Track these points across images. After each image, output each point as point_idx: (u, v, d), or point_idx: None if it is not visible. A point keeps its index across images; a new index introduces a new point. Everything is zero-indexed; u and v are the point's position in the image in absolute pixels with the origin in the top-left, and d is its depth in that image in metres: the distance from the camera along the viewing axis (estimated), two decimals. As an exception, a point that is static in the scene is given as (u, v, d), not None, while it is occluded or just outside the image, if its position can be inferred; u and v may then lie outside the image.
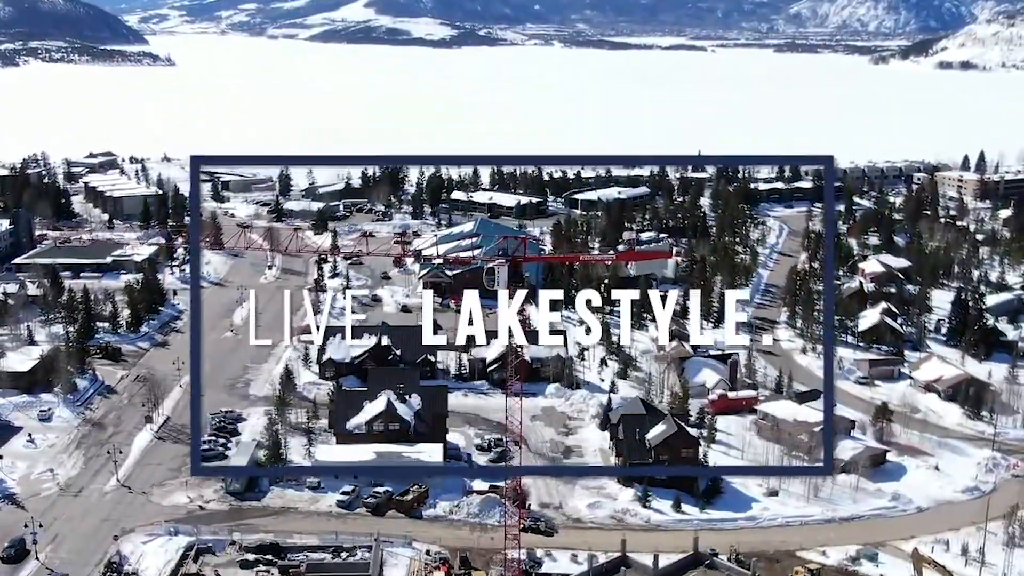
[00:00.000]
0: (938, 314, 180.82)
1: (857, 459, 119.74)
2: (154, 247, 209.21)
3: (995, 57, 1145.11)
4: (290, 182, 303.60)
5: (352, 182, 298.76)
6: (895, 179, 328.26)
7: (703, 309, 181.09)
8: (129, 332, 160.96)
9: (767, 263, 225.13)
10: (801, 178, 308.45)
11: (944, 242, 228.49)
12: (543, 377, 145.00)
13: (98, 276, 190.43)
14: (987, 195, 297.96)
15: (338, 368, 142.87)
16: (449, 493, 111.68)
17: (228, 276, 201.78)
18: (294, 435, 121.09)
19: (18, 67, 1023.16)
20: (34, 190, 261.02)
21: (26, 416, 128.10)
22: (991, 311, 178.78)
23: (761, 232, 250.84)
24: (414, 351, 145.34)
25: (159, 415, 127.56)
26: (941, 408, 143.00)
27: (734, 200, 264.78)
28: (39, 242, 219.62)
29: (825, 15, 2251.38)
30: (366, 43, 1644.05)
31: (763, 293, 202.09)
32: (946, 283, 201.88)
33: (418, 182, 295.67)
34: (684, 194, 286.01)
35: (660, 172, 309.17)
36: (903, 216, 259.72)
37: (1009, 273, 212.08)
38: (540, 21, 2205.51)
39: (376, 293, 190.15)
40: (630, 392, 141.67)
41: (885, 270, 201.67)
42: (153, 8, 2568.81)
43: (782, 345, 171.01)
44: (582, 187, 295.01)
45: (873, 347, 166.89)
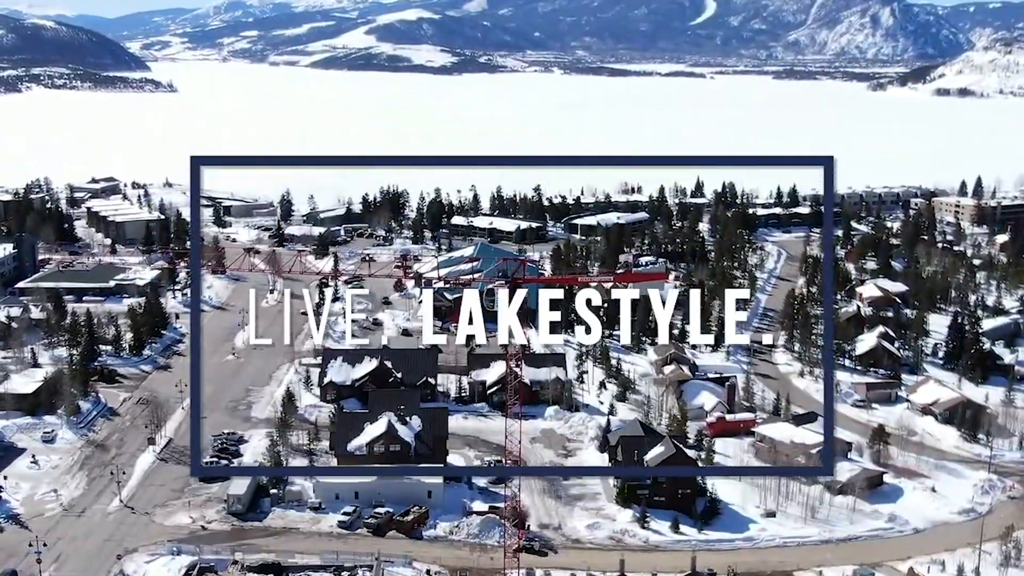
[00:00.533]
0: (935, 338, 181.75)
1: (854, 480, 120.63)
2: (156, 271, 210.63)
3: (992, 84, 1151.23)
4: (291, 207, 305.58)
5: (353, 207, 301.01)
6: (893, 204, 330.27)
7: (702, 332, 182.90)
8: (132, 355, 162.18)
9: (765, 288, 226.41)
10: (799, 203, 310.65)
11: (941, 267, 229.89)
12: (542, 400, 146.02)
13: (101, 300, 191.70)
14: (984, 220, 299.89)
15: (339, 391, 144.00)
16: (449, 514, 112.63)
17: (230, 300, 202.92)
18: (295, 456, 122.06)
19: (20, 93, 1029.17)
20: (37, 215, 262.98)
21: (30, 438, 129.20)
22: (988, 335, 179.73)
23: (759, 257, 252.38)
24: (415, 374, 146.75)
25: (162, 437, 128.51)
26: (938, 431, 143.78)
27: (732, 225, 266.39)
28: (42, 266, 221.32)
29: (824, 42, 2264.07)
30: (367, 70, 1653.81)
31: (761, 317, 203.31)
32: (943, 307, 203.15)
33: (418, 207, 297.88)
34: (683, 219, 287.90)
35: (659, 197, 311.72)
36: (900, 241, 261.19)
37: (1006, 298, 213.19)
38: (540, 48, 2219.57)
39: (377, 317, 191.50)
40: (629, 415, 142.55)
41: (882, 294, 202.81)
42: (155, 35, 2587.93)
43: (780, 368, 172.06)
44: (581, 212, 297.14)
45: (870, 371, 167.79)
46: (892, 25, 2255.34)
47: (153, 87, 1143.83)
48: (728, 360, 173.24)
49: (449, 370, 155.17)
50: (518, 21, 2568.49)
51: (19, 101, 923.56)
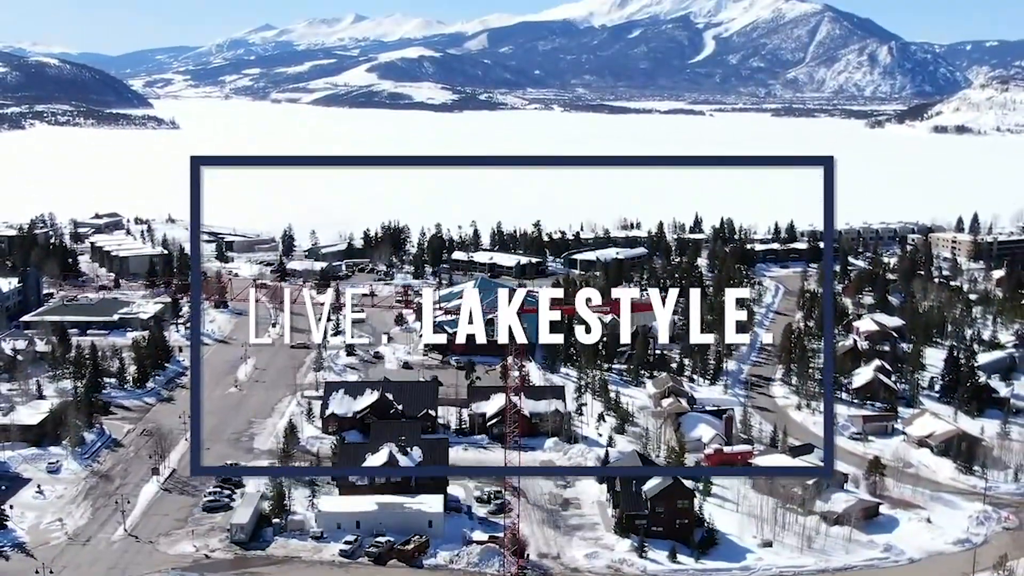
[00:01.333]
0: (931, 372, 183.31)
1: (850, 511, 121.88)
2: (160, 305, 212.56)
3: (990, 121, 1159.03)
4: (293, 242, 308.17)
5: (354, 242, 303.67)
6: (890, 240, 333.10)
7: (700, 367, 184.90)
8: (135, 388, 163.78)
9: (763, 322, 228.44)
10: (797, 239, 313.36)
11: (938, 301, 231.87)
12: (542, 432, 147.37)
13: (105, 333, 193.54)
14: (980, 256, 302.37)
15: (341, 422, 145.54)
16: (449, 543, 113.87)
17: (232, 334, 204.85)
18: (297, 487, 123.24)
19: (24, 130, 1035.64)
20: (41, 250, 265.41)
21: (35, 468, 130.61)
22: (984, 369, 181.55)
23: (757, 291, 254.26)
24: (416, 406, 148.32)
25: (165, 467, 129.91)
26: (934, 463, 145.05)
27: (731, 260, 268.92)
28: (47, 300, 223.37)
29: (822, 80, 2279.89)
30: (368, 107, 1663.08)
31: (759, 351, 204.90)
32: (939, 342, 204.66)
33: (419, 242, 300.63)
34: (681, 254, 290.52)
35: (658, 233, 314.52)
36: (897, 276, 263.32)
37: (1001, 332, 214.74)
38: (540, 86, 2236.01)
39: (378, 350, 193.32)
40: (627, 447, 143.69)
41: (879, 328, 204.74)
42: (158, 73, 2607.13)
43: (777, 402, 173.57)
44: (581, 247, 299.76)
45: (867, 404, 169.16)
46: (890, 63, 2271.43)
47: (156, 124, 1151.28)
48: (726, 393, 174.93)
49: (449, 402, 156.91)
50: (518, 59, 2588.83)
51: (22, 138, 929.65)
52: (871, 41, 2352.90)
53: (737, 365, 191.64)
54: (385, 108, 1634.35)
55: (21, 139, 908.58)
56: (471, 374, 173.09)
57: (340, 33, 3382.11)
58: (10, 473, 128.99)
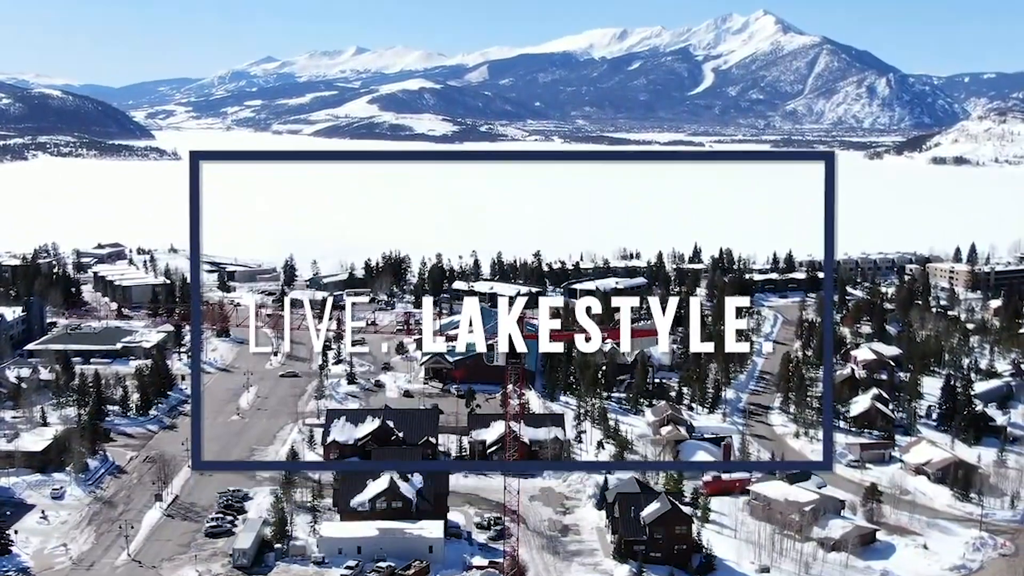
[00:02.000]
0: (929, 400, 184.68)
1: (847, 537, 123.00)
2: (162, 334, 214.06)
3: (988, 152, 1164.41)
4: (294, 272, 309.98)
5: (355, 272, 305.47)
6: (888, 270, 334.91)
7: (698, 395, 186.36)
8: (138, 415, 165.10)
9: (761, 351, 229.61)
10: (795, 269, 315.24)
11: (935, 331, 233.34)
12: (541, 459, 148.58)
13: (108, 362, 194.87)
14: (978, 286, 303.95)
15: (342, 449, 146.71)
16: (450, 568, 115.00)
17: (234, 362, 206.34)
18: (299, 513, 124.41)
19: (27, 161, 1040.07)
20: (45, 279, 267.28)
21: (39, 494, 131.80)
22: (981, 397, 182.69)
23: (756, 321, 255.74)
24: (416, 434, 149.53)
25: (168, 494, 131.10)
26: (930, 490, 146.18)
27: (729, 290, 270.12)
28: (50, 329, 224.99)
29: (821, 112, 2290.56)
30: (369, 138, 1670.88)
31: (757, 380, 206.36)
32: (936, 370, 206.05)
33: (420, 272, 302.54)
34: (680, 284, 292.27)
35: (657, 263, 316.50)
36: (895, 306, 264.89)
37: (999, 361, 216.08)
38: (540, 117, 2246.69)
39: (379, 379, 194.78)
40: (627, 474, 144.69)
41: (876, 357, 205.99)
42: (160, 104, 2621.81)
43: (775, 430, 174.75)
44: (580, 278, 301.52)
45: (864, 432, 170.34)
46: (888, 95, 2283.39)
47: (158, 155, 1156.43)
48: (725, 421, 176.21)
49: (450, 430, 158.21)
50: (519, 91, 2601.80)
51: (25, 168, 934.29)
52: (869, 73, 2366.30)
53: (736, 393, 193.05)
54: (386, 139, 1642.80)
55: (24, 170, 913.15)
56: (471, 402, 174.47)
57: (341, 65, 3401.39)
58: (14, 499, 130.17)
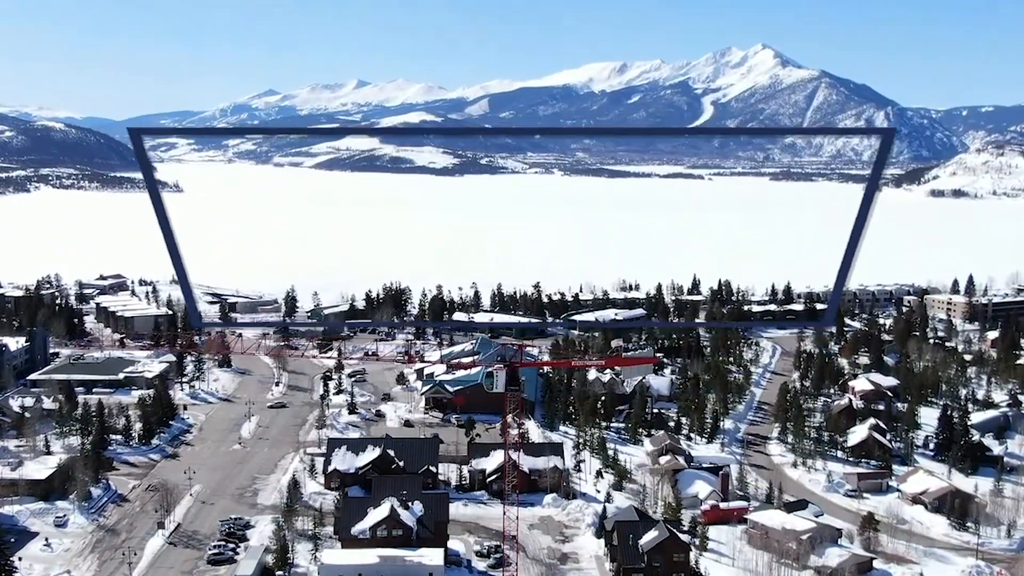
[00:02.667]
0: (926, 430, 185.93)
1: (844, 566, 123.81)
2: (164, 364, 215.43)
3: (986, 185, 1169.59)
4: (296, 304, 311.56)
5: (356, 303, 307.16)
6: (886, 302, 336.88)
7: (697, 425, 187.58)
8: (141, 444, 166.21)
9: (760, 382, 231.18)
10: (793, 300, 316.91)
11: (932, 362, 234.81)
12: (540, 488, 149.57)
13: (110, 392, 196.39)
14: (975, 317, 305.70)
15: (343, 478, 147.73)
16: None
17: (236, 392, 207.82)
18: (300, 541, 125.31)
19: (29, 193, 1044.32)
20: (48, 310, 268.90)
21: (42, 522, 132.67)
22: (978, 428, 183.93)
23: (755, 352, 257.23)
24: (416, 463, 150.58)
25: (171, 522, 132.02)
26: (927, 519, 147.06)
27: (728, 321, 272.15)
28: (53, 359, 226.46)
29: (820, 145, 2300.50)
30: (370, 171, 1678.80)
31: (756, 410, 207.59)
32: (934, 401, 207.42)
33: (420, 303, 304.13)
34: (679, 315, 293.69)
35: (656, 294, 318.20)
36: (893, 337, 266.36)
37: (996, 392, 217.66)
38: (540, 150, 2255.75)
39: (380, 409, 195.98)
40: (625, 503, 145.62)
41: (874, 388, 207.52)
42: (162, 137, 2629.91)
43: (773, 459, 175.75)
44: (580, 309, 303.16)
45: (862, 461, 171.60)
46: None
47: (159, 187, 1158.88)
48: (723, 451, 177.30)
49: (450, 459, 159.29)
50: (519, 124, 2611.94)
51: (28, 200, 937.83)
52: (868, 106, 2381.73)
53: (734, 423, 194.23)
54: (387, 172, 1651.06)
55: (26, 202, 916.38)
56: (471, 431, 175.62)
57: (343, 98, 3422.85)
58: (18, 527, 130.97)
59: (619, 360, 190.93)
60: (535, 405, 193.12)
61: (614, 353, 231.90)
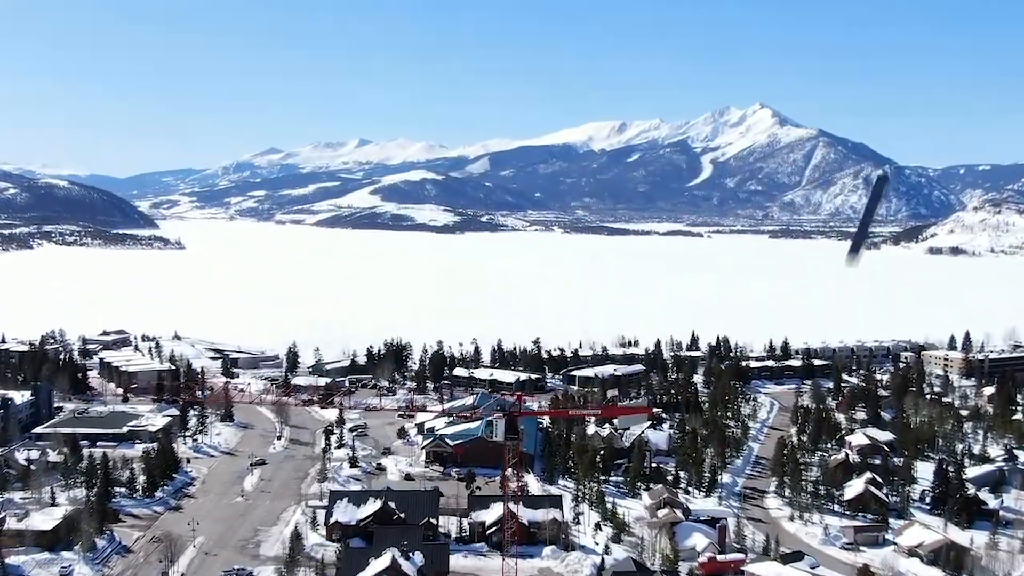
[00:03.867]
0: (922, 484, 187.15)
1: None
2: (168, 418, 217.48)
3: (983, 243, 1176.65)
4: (297, 359, 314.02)
5: (357, 359, 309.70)
6: (883, 358, 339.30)
7: (695, 479, 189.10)
8: (144, 497, 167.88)
9: (758, 436, 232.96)
10: (791, 356, 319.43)
11: (929, 417, 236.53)
12: (539, 540, 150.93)
13: (114, 445, 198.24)
14: (972, 373, 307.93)
15: (344, 530, 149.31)
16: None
17: (238, 446, 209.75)
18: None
19: (32, 249, 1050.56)
20: (52, 365, 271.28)
21: (47, 573, 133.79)
22: (974, 482, 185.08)
23: (752, 407, 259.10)
24: (417, 515, 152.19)
25: (174, 572, 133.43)
26: (923, 572, 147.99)
27: (726, 377, 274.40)
28: (57, 413, 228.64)
29: (818, 203, 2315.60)
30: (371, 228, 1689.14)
31: (754, 465, 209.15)
32: (930, 455, 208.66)
33: (421, 359, 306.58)
34: (678, 371, 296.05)
35: (655, 351, 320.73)
36: (890, 392, 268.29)
37: (992, 446, 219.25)
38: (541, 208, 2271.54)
39: (380, 462, 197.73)
40: (623, 555, 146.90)
41: (871, 442, 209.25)
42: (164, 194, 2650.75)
43: (771, 513, 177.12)
44: (579, 364, 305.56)
45: (858, 515, 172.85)
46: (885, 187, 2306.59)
47: (162, 244, 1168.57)
48: (721, 504, 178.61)
49: (450, 512, 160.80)
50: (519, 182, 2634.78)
51: (32, 257, 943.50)
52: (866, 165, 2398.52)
53: (732, 478, 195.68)
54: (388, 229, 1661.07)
55: (30, 258, 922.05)
56: (471, 484, 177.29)
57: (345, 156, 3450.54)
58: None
59: (615, 410, 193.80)
60: (535, 459, 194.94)
61: (610, 403, 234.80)
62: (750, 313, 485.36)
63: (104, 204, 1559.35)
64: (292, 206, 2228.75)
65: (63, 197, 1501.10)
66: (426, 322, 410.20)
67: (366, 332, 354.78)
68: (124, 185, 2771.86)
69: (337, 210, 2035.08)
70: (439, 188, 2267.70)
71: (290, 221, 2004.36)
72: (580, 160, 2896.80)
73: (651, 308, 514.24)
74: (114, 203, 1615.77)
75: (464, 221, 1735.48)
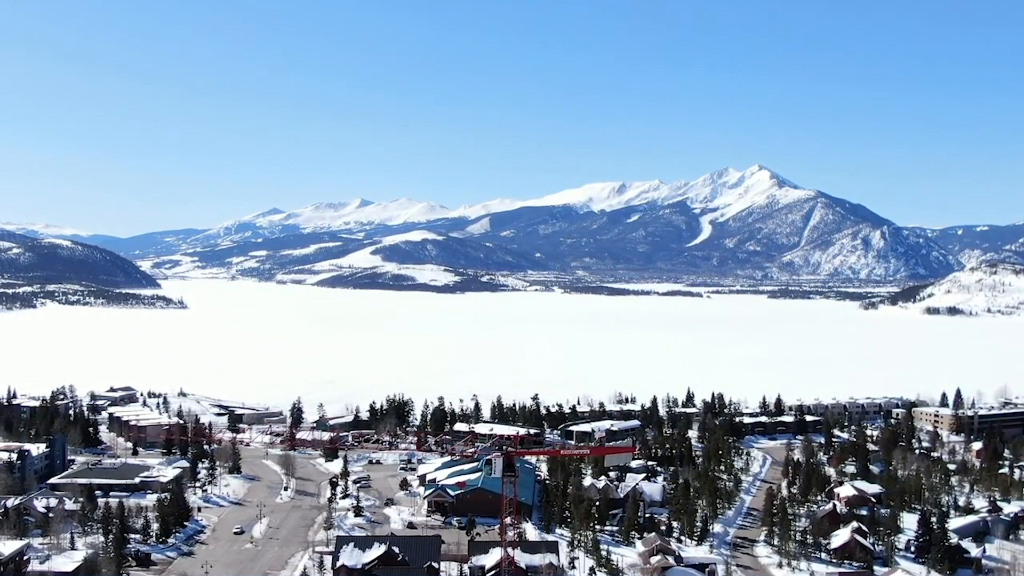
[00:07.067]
0: (907, 534, 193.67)
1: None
2: (178, 470, 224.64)
3: (980, 303, 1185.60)
4: (301, 415, 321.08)
5: (360, 415, 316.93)
6: (875, 414, 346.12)
7: (687, 528, 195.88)
8: (158, 543, 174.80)
9: (750, 489, 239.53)
10: (784, 412, 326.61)
11: (916, 470, 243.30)
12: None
13: (127, 495, 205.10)
14: (961, 429, 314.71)
15: (350, 574, 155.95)
16: None
17: (246, 497, 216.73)
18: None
19: (35, 309, 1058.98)
20: (63, 420, 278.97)
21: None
22: (958, 532, 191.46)
23: (745, 461, 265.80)
24: (420, 559, 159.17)
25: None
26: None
27: (720, 432, 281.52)
28: (71, 464, 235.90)
29: (817, 263, 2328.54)
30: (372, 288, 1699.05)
31: (745, 516, 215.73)
32: (916, 507, 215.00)
33: (422, 414, 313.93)
34: (673, 427, 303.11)
35: (651, 407, 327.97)
36: (879, 447, 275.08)
37: (977, 499, 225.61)
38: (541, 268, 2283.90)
39: (383, 512, 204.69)
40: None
41: (858, 494, 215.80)
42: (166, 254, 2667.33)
43: (760, 560, 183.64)
44: (577, 420, 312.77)
45: (845, 563, 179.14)
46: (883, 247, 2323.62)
47: (164, 303, 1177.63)
48: (712, 552, 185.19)
49: (451, 558, 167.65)
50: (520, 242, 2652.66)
51: (35, 316, 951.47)
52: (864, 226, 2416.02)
53: (723, 528, 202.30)
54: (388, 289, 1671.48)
55: (34, 318, 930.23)
56: (471, 530, 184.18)
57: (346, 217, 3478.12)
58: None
59: (602, 449, 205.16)
60: (532, 509, 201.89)
61: (598, 444, 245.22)
62: (745, 370, 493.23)
63: (107, 264, 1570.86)
64: (293, 266, 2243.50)
65: (66, 257, 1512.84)
66: (426, 380, 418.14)
67: (368, 389, 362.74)
68: (126, 245, 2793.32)
69: (338, 270, 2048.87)
70: (440, 248, 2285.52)
71: (291, 281, 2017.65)
72: (580, 221, 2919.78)
73: (648, 365, 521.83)
74: (116, 263, 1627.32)
75: (464, 281, 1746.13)
